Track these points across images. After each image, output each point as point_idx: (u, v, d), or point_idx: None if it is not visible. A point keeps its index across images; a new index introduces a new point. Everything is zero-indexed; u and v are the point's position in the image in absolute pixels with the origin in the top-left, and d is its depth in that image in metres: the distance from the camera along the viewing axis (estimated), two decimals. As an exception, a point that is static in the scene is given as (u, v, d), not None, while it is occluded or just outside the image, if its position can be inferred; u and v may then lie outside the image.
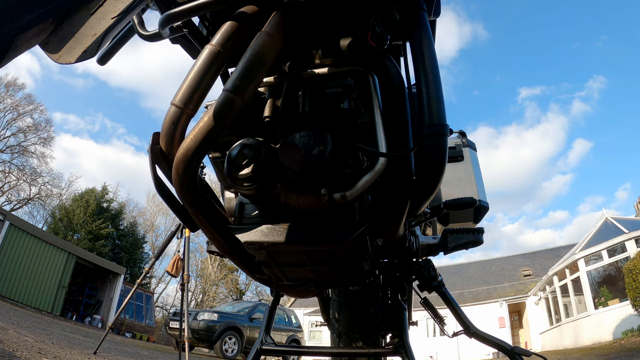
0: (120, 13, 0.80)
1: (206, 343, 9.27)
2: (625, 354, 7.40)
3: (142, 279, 5.33)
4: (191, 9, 0.63)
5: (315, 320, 19.12)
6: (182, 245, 4.69)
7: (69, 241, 18.60)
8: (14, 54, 0.63)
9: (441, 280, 1.14)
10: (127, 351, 6.11)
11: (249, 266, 0.76)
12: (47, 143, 24.32)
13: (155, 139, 0.63)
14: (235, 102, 0.54)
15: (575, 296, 13.54)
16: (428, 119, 0.78)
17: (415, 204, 0.81)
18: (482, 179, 1.66)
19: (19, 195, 24.05)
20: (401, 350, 0.97)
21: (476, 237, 1.12)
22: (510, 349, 1.04)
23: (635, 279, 9.63)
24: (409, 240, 1.12)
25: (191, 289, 28.10)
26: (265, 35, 0.57)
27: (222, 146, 0.77)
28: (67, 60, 0.82)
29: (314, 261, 0.75)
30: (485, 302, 18.22)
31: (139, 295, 17.25)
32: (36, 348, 3.38)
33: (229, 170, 0.64)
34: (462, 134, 1.72)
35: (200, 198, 0.62)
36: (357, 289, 1.22)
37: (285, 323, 11.75)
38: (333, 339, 1.27)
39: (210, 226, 0.66)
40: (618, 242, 12.04)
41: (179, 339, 5.29)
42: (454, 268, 24.13)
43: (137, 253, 26.82)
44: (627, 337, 10.20)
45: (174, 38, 0.79)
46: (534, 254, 22.70)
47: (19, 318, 6.74)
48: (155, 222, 30.75)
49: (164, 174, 0.68)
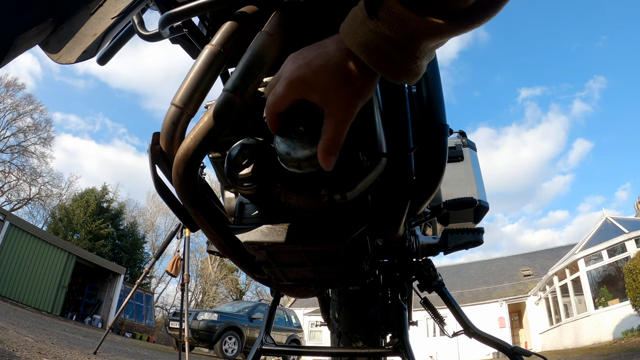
0: (120, 13, 0.80)
1: (206, 343, 9.27)
2: (625, 354, 7.40)
3: (142, 279, 5.33)
4: (191, 9, 0.63)
5: (315, 320, 19.12)
6: (182, 245, 4.69)
7: (69, 241, 18.61)
8: (14, 54, 0.63)
9: (441, 280, 1.14)
10: (127, 351, 6.11)
11: (249, 266, 0.76)
12: (47, 143, 24.36)
13: (155, 139, 0.63)
14: (235, 102, 0.54)
15: (575, 296, 13.55)
16: (428, 119, 0.78)
17: (416, 204, 0.81)
18: (482, 179, 1.66)
19: (19, 195, 24.08)
20: (401, 350, 0.97)
21: (476, 237, 1.12)
22: (510, 349, 1.04)
23: (635, 279, 9.63)
24: (409, 240, 1.12)
25: (191, 289, 28.13)
26: (265, 35, 0.57)
27: (222, 146, 0.77)
28: (67, 60, 0.82)
29: (314, 261, 0.75)
30: (485, 302, 18.23)
31: (139, 295, 17.26)
32: (36, 348, 3.38)
33: (229, 170, 0.64)
34: (462, 134, 1.72)
35: (200, 198, 0.62)
36: (357, 289, 1.22)
37: (285, 323, 11.75)
38: (333, 339, 1.27)
39: (210, 226, 0.66)
40: (618, 242, 12.05)
41: (179, 339, 5.29)
42: (454, 268, 24.15)
43: (137, 253, 26.84)
44: (627, 337, 10.21)
45: (174, 38, 0.79)
46: (534, 254, 22.71)
47: (19, 318, 6.74)
48: (155, 222, 30.80)
49: (164, 174, 0.68)
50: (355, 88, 0.44)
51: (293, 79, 0.44)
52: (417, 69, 0.42)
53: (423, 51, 0.40)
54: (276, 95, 0.46)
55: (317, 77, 0.43)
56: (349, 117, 0.45)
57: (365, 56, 0.41)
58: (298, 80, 0.44)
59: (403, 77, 0.42)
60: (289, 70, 0.45)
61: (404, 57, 0.40)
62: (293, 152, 0.50)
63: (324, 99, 0.44)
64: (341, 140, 0.46)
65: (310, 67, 0.44)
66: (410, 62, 0.41)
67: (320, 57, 0.44)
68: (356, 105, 0.45)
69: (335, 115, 0.45)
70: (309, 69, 0.44)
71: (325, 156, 0.46)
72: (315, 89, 0.44)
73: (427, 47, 0.40)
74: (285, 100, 0.46)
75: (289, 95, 0.46)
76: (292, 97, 0.46)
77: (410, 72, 0.42)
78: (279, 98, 0.46)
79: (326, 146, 0.45)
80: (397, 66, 0.41)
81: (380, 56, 0.40)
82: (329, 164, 0.46)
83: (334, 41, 0.44)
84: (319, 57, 0.44)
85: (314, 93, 0.44)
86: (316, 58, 0.44)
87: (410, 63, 0.41)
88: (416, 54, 0.40)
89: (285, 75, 0.45)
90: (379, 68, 0.41)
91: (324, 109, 0.45)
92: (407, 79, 0.42)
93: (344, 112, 0.45)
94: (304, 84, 0.44)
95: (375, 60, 0.41)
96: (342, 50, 0.43)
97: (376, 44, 0.40)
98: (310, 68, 0.44)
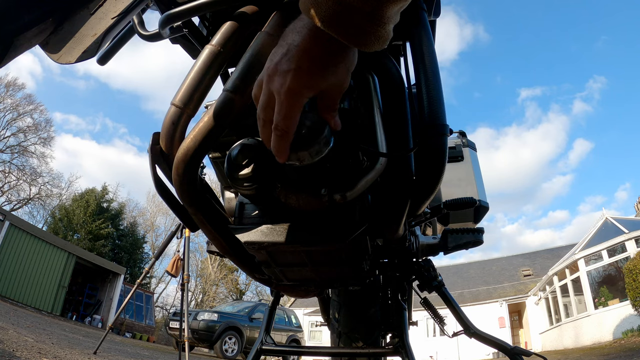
0: (120, 13, 0.81)
1: (206, 343, 9.27)
2: (625, 354, 7.40)
3: (142, 279, 5.33)
4: (191, 9, 0.63)
5: (315, 320, 19.13)
6: (182, 245, 4.69)
7: (69, 241, 18.61)
8: (14, 54, 0.63)
9: (441, 280, 1.14)
10: (127, 351, 6.11)
11: (249, 266, 0.76)
12: (47, 143, 24.35)
13: (155, 139, 0.63)
14: (235, 102, 0.54)
15: (575, 296, 13.55)
16: (428, 119, 0.78)
17: (416, 204, 0.81)
18: (482, 179, 1.66)
19: (19, 195, 24.08)
20: (401, 350, 0.97)
21: (476, 237, 1.12)
22: (510, 349, 1.04)
23: (635, 279, 9.63)
24: (409, 240, 1.12)
25: (191, 289, 28.12)
26: (265, 35, 0.57)
27: (222, 146, 0.77)
28: (67, 60, 0.83)
29: (314, 261, 0.75)
30: (485, 302, 18.23)
31: (139, 295, 17.25)
32: (36, 348, 3.38)
33: (229, 170, 0.64)
34: (462, 134, 1.72)
35: (200, 198, 0.62)
36: (357, 289, 1.22)
37: (285, 323, 11.75)
38: (333, 339, 1.27)
39: (210, 226, 0.66)
40: (618, 242, 12.05)
41: (179, 339, 5.29)
42: (454, 268, 24.14)
43: (137, 253, 26.83)
44: (627, 337, 10.21)
45: (174, 38, 0.79)
46: (534, 254, 22.70)
47: (19, 318, 6.74)
48: (155, 222, 30.78)
49: (164, 174, 0.68)
50: (337, 60, 0.45)
51: (288, 95, 0.44)
52: (386, 34, 0.42)
53: (390, 16, 0.41)
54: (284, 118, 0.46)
55: (302, 80, 0.44)
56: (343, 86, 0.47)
57: (333, 30, 0.40)
58: (291, 94, 0.44)
59: (374, 44, 0.42)
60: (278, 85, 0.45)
61: (372, 25, 0.40)
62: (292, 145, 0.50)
63: (317, 91, 0.46)
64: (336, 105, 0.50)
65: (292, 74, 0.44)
66: (379, 29, 0.41)
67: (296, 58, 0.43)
68: (345, 78, 0.47)
69: (326, 96, 0.48)
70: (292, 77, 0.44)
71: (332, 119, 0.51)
72: (307, 90, 0.45)
73: (393, 11, 0.40)
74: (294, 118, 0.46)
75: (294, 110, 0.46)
76: (297, 109, 0.46)
77: (380, 38, 0.42)
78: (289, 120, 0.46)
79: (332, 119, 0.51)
80: (366, 34, 0.41)
81: (348, 27, 0.40)
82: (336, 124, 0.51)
83: (297, 32, 0.44)
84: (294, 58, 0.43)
85: (308, 93, 0.45)
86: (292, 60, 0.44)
87: (379, 29, 0.41)
88: (384, 19, 0.40)
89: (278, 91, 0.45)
90: (349, 39, 0.41)
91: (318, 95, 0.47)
92: (378, 45, 0.43)
93: (334, 89, 0.47)
94: (297, 94, 0.44)
95: (344, 32, 0.41)
96: (309, 37, 0.43)
97: (343, 15, 0.39)
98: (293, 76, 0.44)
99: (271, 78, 0.46)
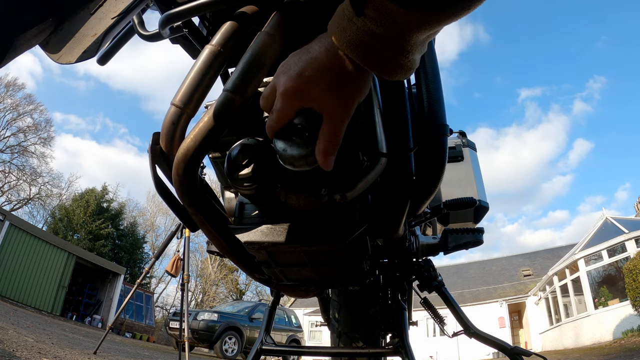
0: (120, 13, 0.81)
1: (206, 343, 9.28)
2: (625, 354, 7.40)
3: (142, 279, 5.33)
4: (191, 9, 0.63)
5: (315, 320, 19.13)
6: (182, 245, 4.69)
7: (69, 241, 18.60)
8: (14, 54, 0.63)
9: (441, 280, 1.14)
10: (127, 351, 6.11)
11: (249, 266, 0.76)
12: (47, 143, 24.37)
13: (155, 139, 0.63)
14: (235, 102, 0.54)
15: (575, 296, 13.55)
16: (428, 119, 0.78)
17: (416, 204, 0.81)
18: (482, 179, 1.66)
19: (19, 195, 24.08)
20: (401, 350, 0.97)
21: (476, 237, 1.12)
22: (510, 349, 1.04)
23: (635, 279, 9.64)
24: (409, 240, 1.12)
25: (191, 289, 28.12)
26: (265, 35, 0.57)
27: (222, 146, 0.77)
28: (67, 60, 0.83)
29: (314, 261, 0.75)
30: (485, 302, 18.23)
31: (139, 295, 17.25)
32: (36, 348, 3.38)
33: (229, 170, 0.64)
34: (462, 134, 1.72)
35: (200, 198, 0.62)
36: (357, 289, 1.22)
37: (285, 323, 11.75)
38: (333, 339, 1.27)
39: (210, 226, 0.65)
40: (618, 242, 12.05)
41: (179, 339, 5.29)
42: (454, 268, 24.14)
43: (137, 253, 26.83)
44: (627, 337, 10.21)
45: (174, 38, 0.79)
46: (534, 254, 22.70)
47: (19, 318, 6.74)
48: (155, 222, 30.79)
49: (164, 174, 0.68)
50: (350, 88, 0.44)
51: (289, 94, 0.44)
52: (410, 63, 0.41)
53: (414, 45, 0.39)
54: (277, 113, 0.47)
55: (311, 87, 0.43)
56: (346, 117, 0.45)
57: (355, 55, 0.40)
58: (294, 94, 0.44)
59: (396, 73, 0.41)
60: (283, 84, 0.45)
61: (395, 53, 0.39)
62: (290, 149, 0.50)
63: (321, 104, 0.44)
64: (339, 140, 0.46)
65: (303, 77, 0.43)
66: (402, 57, 0.40)
67: (311, 66, 0.43)
68: (353, 105, 0.45)
69: (332, 116, 0.45)
70: (301, 80, 0.43)
71: (325, 156, 0.46)
72: (311, 98, 0.44)
73: (417, 40, 0.39)
74: (286, 115, 0.47)
75: (288, 110, 0.46)
76: (291, 111, 0.46)
77: (403, 67, 0.41)
78: (280, 115, 0.47)
79: (325, 147, 0.45)
80: (389, 63, 0.40)
81: (371, 54, 0.40)
82: (328, 164, 0.46)
83: (322, 44, 0.43)
84: (310, 65, 0.43)
85: (311, 102, 0.44)
86: (307, 67, 0.43)
87: (402, 58, 0.40)
88: (407, 48, 0.39)
89: (280, 90, 0.45)
90: (371, 66, 0.41)
91: (322, 112, 0.45)
92: (401, 74, 0.42)
93: (341, 113, 0.45)
94: (300, 96, 0.44)
95: (366, 59, 0.40)
96: (331, 52, 0.42)
97: (366, 42, 0.39)
98: (302, 79, 0.43)
99: (277, 74, 0.46)
